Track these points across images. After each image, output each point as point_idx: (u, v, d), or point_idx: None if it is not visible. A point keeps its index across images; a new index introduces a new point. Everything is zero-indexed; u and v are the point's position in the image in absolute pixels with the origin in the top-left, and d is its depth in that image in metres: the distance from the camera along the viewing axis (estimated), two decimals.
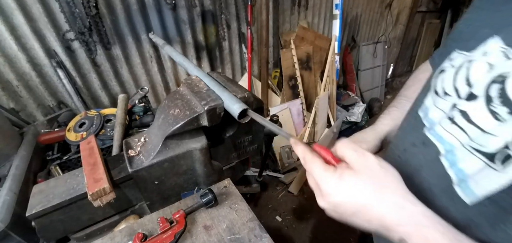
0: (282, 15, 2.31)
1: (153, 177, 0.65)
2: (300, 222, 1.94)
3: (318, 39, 2.50)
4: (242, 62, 2.25)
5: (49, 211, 0.63)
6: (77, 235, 0.72)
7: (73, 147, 1.11)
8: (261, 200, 2.09)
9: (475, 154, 0.33)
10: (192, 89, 0.67)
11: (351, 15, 2.89)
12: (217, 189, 0.69)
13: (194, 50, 1.90)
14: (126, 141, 0.70)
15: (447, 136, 0.37)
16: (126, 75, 1.70)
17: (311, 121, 2.39)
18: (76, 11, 1.36)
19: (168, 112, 0.65)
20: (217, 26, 1.95)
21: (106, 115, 1.21)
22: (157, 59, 1.79)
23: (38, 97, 1.44)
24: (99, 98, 1.65)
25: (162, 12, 1.66)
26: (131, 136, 0.74)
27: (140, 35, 1.64)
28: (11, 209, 0.79)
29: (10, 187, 0.84)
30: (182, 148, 0.65)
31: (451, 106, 0.38)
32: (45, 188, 0.67)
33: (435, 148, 0.39)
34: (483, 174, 0.32)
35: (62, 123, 1.27)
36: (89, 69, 1.54)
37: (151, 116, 1.25)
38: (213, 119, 0.61)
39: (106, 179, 0.62)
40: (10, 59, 1.30)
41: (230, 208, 0.63)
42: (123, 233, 0.60)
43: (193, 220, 0.61)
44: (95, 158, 0.69)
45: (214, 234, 0.58)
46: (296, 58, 2.31)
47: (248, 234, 0.57)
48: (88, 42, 1.47)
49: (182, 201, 0.66)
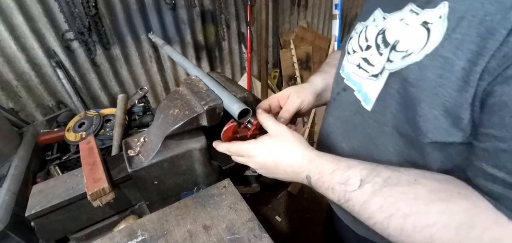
0: (282, 15, 2.31)
1: (153, 177, 0.65)
2: (300, 222, 1.94)
3: (317, 39, 2.50)
4: (242, 62, 2.25)
5: (48, 211, 0.63)
6: (76, 235, 0.72)
7: (72, 147, 1.11)
8: (261, 200, 2.09)
9: (370, 79, 0.49)
10: (191, 89, 0.67)
11: (350, 15, 2.89)
12: (217, 189, 0.69)
13: (193, 50, 1.90)
14: (126, 141, 0.70)
15: (357, 78, 0.53)
16: (126, 75, 1.69)
17: (310, 121, 2.39)
18: (75, 11, 1.36)
19: (167, 112, 0.65)
20: (216, 26, 1.95)
21: (105, 115, 1.21)
22: (157, 59, 1.79)
23: (37, 97, 1.44)
24: (98, 98, 1.64)
25: (161, 12, 1.65)
26: (131, 136, 0.74)
27: (140, 35, 1.64)
28: (10, 209, 0.79)
29: (9, 187, 0.84)
30: (181, 148, 0.65)
31: (357, 58, 0.54)
32: (44, 188, 0.67)
33: (351, 89, 0.55)
34: (372, 85, 0.48)
35: (61, 123, 1.27)
36: (88, 69, 1.54)
37: (150, 116, 1.24)
38: (213, 119, 0.61)
39: (105, 179, 0.62)
40: (9, 59, 1.29)
41: (230, 208, 0.63)
42: (122, 233, 0.60)
43: (192, 220, 0.61)
44: (94, 158, 0.69)
45: (214, 234, 0.58)
46: (295, 58, 2.31)
47: (247, 234, 0.57)
48: (87, 42, 1.47)
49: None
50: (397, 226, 0.36)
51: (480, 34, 0.32)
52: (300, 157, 0.48)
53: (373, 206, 0.38)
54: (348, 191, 0.40)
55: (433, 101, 0.37)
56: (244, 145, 0.54)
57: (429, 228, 0.33)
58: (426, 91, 0.38)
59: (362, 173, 0.40)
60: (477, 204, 0.32)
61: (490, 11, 0.32)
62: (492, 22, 0.31)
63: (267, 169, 0.53)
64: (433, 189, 0.35)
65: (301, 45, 2.36)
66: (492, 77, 0.31)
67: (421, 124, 0.39)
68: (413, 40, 0.40)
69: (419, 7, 0.42)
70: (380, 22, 0.51)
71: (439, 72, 0.36)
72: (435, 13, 0.38)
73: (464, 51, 0.33)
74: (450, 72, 0.35)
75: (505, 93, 0.30)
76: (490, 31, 0.31)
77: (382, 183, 0.38)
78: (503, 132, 0.30)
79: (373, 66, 0.49)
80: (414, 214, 0.34)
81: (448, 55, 0.35)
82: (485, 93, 0.32)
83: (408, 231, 0.35)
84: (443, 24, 0.36)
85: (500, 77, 0.30)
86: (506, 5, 0.30)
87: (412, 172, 0.38)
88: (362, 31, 0.55)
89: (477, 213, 0.32)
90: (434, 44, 0.37)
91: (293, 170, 0.48)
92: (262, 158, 0.52)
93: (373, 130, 0.49)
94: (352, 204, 0.40)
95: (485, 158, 0.33)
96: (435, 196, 0.34)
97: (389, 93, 0.45)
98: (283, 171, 0.50)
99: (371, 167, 0.41)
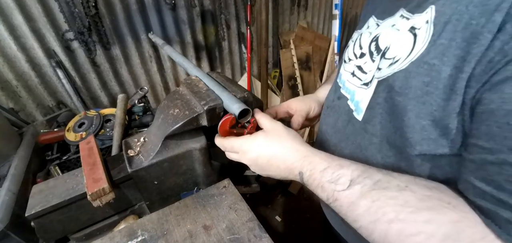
0: (282, 15, 2.31)
1: (153, 177, 0.65)
2: (300, 222, 1.94)
3: (317, 39, 2.50)
4: (242, 62, 2.25)
5: (48, 211, 0.63)
6: (76, 235, 0.72)
7: (72, 147, 1.11)
8: (261, 200, 2.09)
9: (361, 87, 0.48)
10: (191, 89, 0.67)
11: (350, 15, 2.89)
12: (217, 189, 0.69)
13: (193, 50, 1.90)
14: (126, 141, 0.70)
15: (351, 86, 0.52)
16: (126, 75, 1.69)
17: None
18: (75, 11, 1.36)
19: (167, 112, 0.65)
20: (216, 26, 1.95)
21: (105, 115, 1.21)
22: (157, 59, 1.79)
23: (37, 97, 1.44)
24: (98, 98, 1.64)
25: (161, 12, 1.65)
26: (131, 136, 0.74)
27: (140, 35, 1.64)
28: (10, 209, 0.79)
29: (9, 187, 0.84)
30: (181, 148, 0.65)
31: (352, 66, 0.53)
32: (44, 188, 0.67)
33: (345, 98, 0.54)
34: (363, 94, 0.47)
35: (61, 123, 1.27)
36: (88, 69, 1.54)
37: (150, 116, 1.24)
38: (213, 119, 0.61)
39: (105, 179, 0.62)
40: (9, 59, 1.29)
41: (230, 208, 0.63)
42: (122, 233, 0.60)
43: (192, 220, 0.61)
44: (94, 158, 0.69)
45: (214, 234, 0.58)
46: (295, 58, 2.31)
47: (247, 234, 0.57)
48: (87, 42, 1.46)
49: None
50: (382, 231, 0.34)
51: (466, 38, 0.31)
52: (294, 152, 0.47)
53: (360, 209, 0.36)
54: (337, 191, 0.39)
55: (420, 110, 0.36)
56: (238, 141, 0.53)
57: (413, 237, 0.32)
58: (412, 100, 0.36)
59: (353, 174, 0.39)
60: (466, 217, 0.31)
61: (475, 14, 0.30)
62: (477, 25, 0.30)
63: (259, 166, 0.51)
64: (423, 197, 0.33)
65: (301, 45, 2.36)
66: (479, 84, 0.29)
67: (409, 135, 0.38)
68: (401, 47, 0.39)
69: (410, 12, 0.41)
70: (373, 29, 0.50)
71: (425, 80, 0.35)
72: (422, 18, 0.37)
73: (450, 57, 0.32)
74: (437, 80, 0.33)
75: (493, 101, 0.28)
76: (475, 35, 0.30)
77: (371, 185, 0.36)
78: (490, 143, 0.28)
79: (366, 74, 0.47)
80: (400, 221, 0.33)
81: (434, 61, 0.34)
82: (474, 101, 0.31)
83: (391, 238, 0.34)
84: (429, 29, 0.35)
85: (488, 84, 0.29)
86: (490, 8, 0.29)
87: (404, 177, 0.37)
88: (357, 39, 0.55)
89: (465, 227, 0.30)
90: (419, 50, 0.36)
91: (286, 166, 0.47)
92: (255, 154, 0.50)
93: (363, 141, 0.48)
94: (339, 204, 0.39)
95: (473, 171, 0.31)
96: (423, 204, 0.33)
97: (377, 102, 0.43)
98: (276, 168, 0.49)
99: (364, 168, 0.39)
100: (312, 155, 0.45)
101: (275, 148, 0.49)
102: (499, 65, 0.28)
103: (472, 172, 0.31)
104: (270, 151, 0.49)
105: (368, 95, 0.45)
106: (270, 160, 0.49)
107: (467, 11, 0.31)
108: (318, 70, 2.58)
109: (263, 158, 0.50)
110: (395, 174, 0.38)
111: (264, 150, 0.49)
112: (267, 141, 0.50)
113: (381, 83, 0.42)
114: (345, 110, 0.53)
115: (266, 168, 0.50)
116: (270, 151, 0.49)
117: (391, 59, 0.41)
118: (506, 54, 0.27)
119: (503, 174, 0.28)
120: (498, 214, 0.28)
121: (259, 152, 0.50)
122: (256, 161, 0.51)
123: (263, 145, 0.50)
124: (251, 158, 0.51)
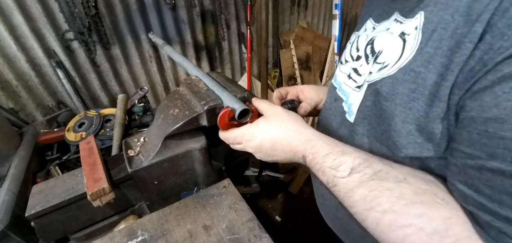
0: (282, 15, 2.31)
1: (153, 177, 0.65)
2: (300, 222, 1.94)
3: (317, 39, 2.50)
4: (242, 62, 2.25)
5: (48, 211, 0.63)
6: (76, 235, 0.72)
7: (72, 147, 1.11)
8: (261, 200, 2.09)
9: (355, 90, 0.49)
10: (191, 89, 0.67)
11: (350, 15, 2.89)
12: (217, 189, 0.69)
13: (193, 50, 1.90)
14: (126, 141, 0.70)
15: (346, 88, 0.52)
16: (126, 75, 1.69)
17: (311, 120, 2.39)
18: (75, 11, 1.36)
19: (167, 112, 0.65)
20: (216, 26, 1.95)
21: (105, 115, 1.21)
22: (157, 59, 1.79)
23: (37, 97, 1.44)
24: (98, 98, 1.64)
25: (161, 12, 1.65)
26: (131, 136, 0.74)
27: (140, 35, 1.64)
28: (10, 209, 0.79)
29: (9, 187, 0.84)
30: (181, 148, 0.65)
31: (348, 68, 0.53)
32: (44, 188, 0.67)
33: (340, 99, 0.54)
34: (355, 96, 0.48)
35: (61, 123, 1.27)
36: (88, 69, 1.54)
37: (150, 116, 1.25)
38: (213, 119, 0.61)
39: (105, 179, 0.62)
40: (9, 59, 1.29)
41: (230, 208, 0.63)
42: (122, 233, 0.60)
43: (192, 220, 0.61)
44: (94, 158, 0.69)
45: (214, 234, 0.58)
46: (295, 58, 2.31)
47: (247, 234, 0.57)
48: (87, 42, 1.47)
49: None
50: (374, 219, 0.36)
51: (451, 47, 0.31)
52: (297, 135, 0.47)
53: (357, 196, 0.38)
54: (337, 177, 0.40)
55: (406, 116, 0.37)
56: (240, 130, 0.53)
57: (404, 228, 0.33)
58: (399, 106, 0.37)
59: (355, 162, 0.39)
60: (457, 214, 0.32)
61: (460, 23, 0.31)
62: (461, 35, 0.31)
63: (264, 151, 0.51)
64: (418, 190, 0.35)
65: (301, 45, 2.36)
66: (462, 91, 0.31)
67: (396, 139, 0.39)
68: (391, 52, 0.40)
69: (403, 16, 0.41)
70: (370, 31, 0.51)
71: (411, 87, 0.36)
72: (412, 23, 0.38)
73: (435, 65, 0.33)
74: (422, 87, 0.34)
75: (473, 108, 0.29)
76: (458, 44, 0.31)
77: (371, 175, 0.37)
78: (471, 149, 0.30)
79: (361, 76, 0.48)
80: (393, 212, 0.34)
81: (420, 69, 0.35)
82: (458, 107, 0.32)
83: (383, 228, 0.35)
84: (417, 36, 0.36)
85: (469, 92, 0.30)
86: (472, 18, 0.30)
87: (404, 169, 0.38)
88: (354, 41, 0.55)
89: (454, 224, 0.31)
90: (407, 57, 0.37)
91: (290, 149, 0.47)
92: (259, 140, 0.50)
93: (354, 143, 0.48)
94: (338, 190, 0.41)
95: (457, 174, 0.33)
96: (418, 198, 0.34)
97: (366, 105, 0.45)
98: (281, 151, 0.49)
99: (366, 157, 0.40)
100: (316, 138, 0.45)
101: (278, 131, 0.49)
102: (480, 74, 0.29)
103: (456, 175, 0.33)
104: (273, 135, 0.49)
105: (359, 98, 0.46)
106: (274, 144, 0.49)
107: (453, 20, 0.32)
108: (318, 70, 2.58)
109: (267, 142, 0.49)
110: (396, 165, 0.39)
111: (267, 134, 0.49)
112: (269, 126, 0.50)
113: (370, 86, 0.43)
114: (339, 112, 0.53)
115: (271, 153, 0.50)
116: (273, 135, 0.49)
117: (381, 64, 0.42)
118: (485, 64, 0.28)
119: (482, 179, 0.29)
120: (479, 216, 0.30)
121: (263, 137, 0.50)
122: (260, 147, 0.51)
123: (265, 130, 0.50)
124: (255, 145, 0.51)
